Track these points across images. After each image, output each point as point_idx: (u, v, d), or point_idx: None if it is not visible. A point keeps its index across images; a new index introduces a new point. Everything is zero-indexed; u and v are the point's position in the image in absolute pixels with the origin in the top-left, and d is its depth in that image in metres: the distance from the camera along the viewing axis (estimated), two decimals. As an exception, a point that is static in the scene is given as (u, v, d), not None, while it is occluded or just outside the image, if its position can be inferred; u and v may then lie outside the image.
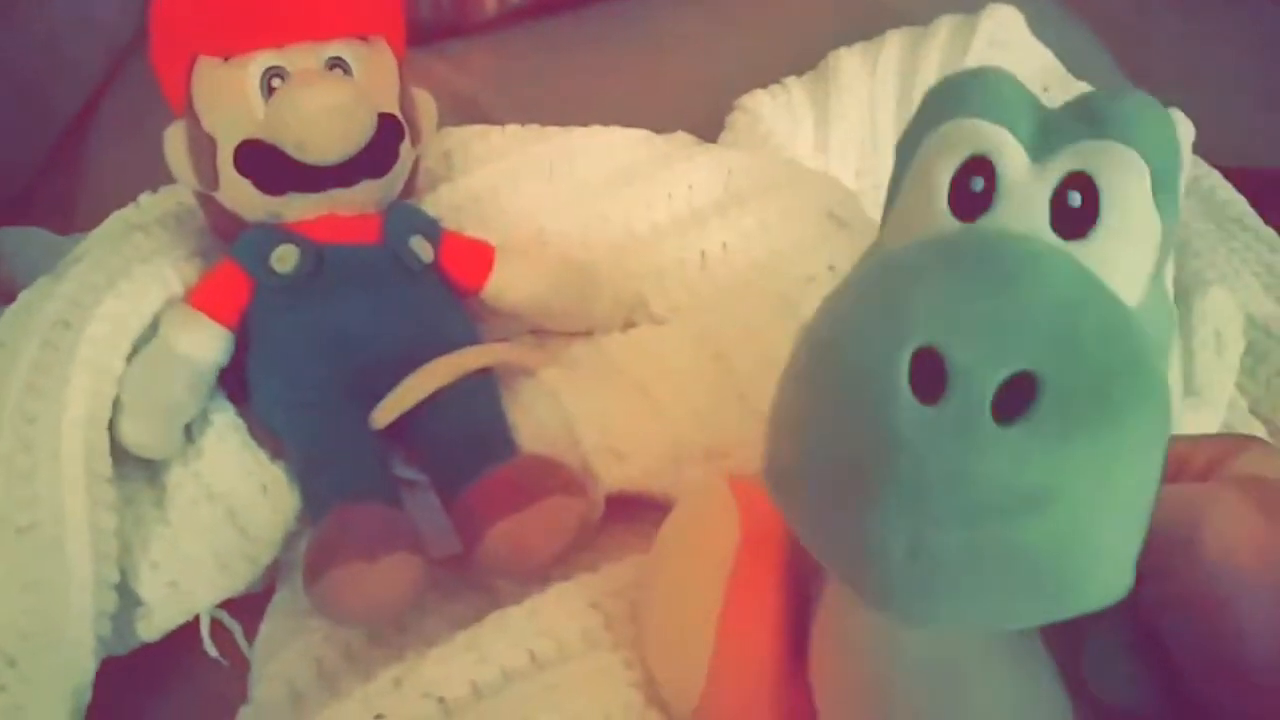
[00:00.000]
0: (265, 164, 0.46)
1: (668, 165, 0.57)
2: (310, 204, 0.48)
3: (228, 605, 0.46)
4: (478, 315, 0.52)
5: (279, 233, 0.48)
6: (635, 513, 0.47)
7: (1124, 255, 0.28)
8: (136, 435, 0.45)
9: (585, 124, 0.60)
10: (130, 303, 0.46)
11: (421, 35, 0.72)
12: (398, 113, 0.49)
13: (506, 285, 0.51)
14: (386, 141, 0.48)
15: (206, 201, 0.50)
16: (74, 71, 0.70)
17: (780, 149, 0.61)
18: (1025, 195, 0.28)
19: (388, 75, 0.50)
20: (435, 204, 0.55)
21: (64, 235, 0.60)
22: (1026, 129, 0.29)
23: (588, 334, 0.54)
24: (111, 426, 0.45)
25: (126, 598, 0.44)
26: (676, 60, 0.72)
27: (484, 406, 0.48)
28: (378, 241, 0.49)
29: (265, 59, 0.46)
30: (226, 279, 0.48)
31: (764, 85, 0.65)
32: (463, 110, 0.68)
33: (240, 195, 0.48)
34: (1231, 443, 0.29)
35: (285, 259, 0.47)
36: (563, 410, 0.48)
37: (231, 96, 0.46)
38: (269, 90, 0.46)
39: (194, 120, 0.48)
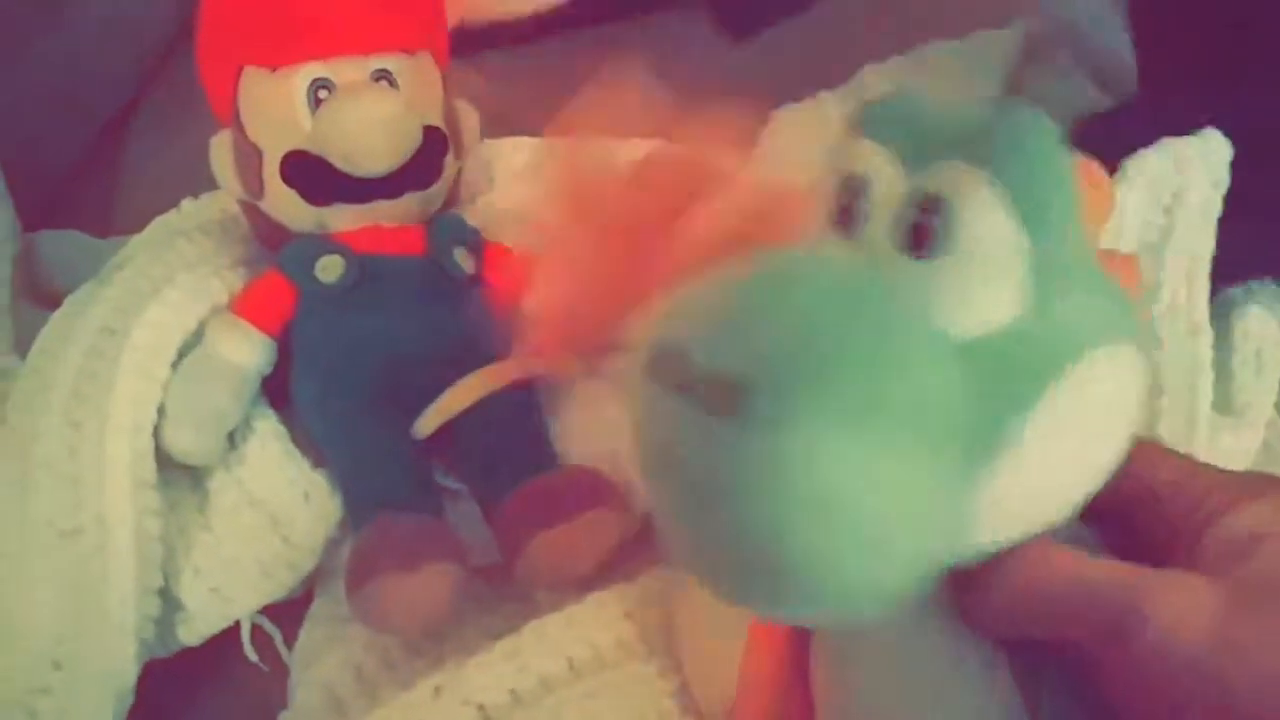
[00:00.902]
0: (312, 175, 0.47)
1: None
2: (355, 215, 0.48)
3: (267, 610, 0.46)
4: (519, 326, 0.53)
5: (324, 243, 0.48)
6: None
7: (970, 277, 0.28)
8: (180, 442, 0.46)
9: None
10: (175, 311, 0.47)
11: (456, 46, 0.73)
12: (442, 125, 0.49)
13: None
14: (431, 154, 0.48)
15: (251, 210, 0.50)
16: (111, 73, 0.70)
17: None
18: (886, 214, 0.29)
19: (432, 88, 0.50)
20: (475, 215, 0.55)
21: (103, 238, 0.60)
22: (912, 147, 0.29)
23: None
24: (156, 433, 0.45)
25: (169, 602, 0.44)
26: (711, 71, 0.72)
27: (526, 417, 0.48)
28: (421, 252, 0.49)
29: (312, 70, 0.47)
30: (271, 288, 0.48)
31: (797, 99, 0.65)
32: (498, 121, 0.68)
33: (286, 205, 0.48)
34: (1253, 484, 0.29)
35: (330, 269, 0.47)
36: (604, 422, 0.48)
37: (278, 107, 0.47)
38: (315, 102, 0.47)
39: (240, 130, 0.48)
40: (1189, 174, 0.51)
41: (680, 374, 0.27)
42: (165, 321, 0.47)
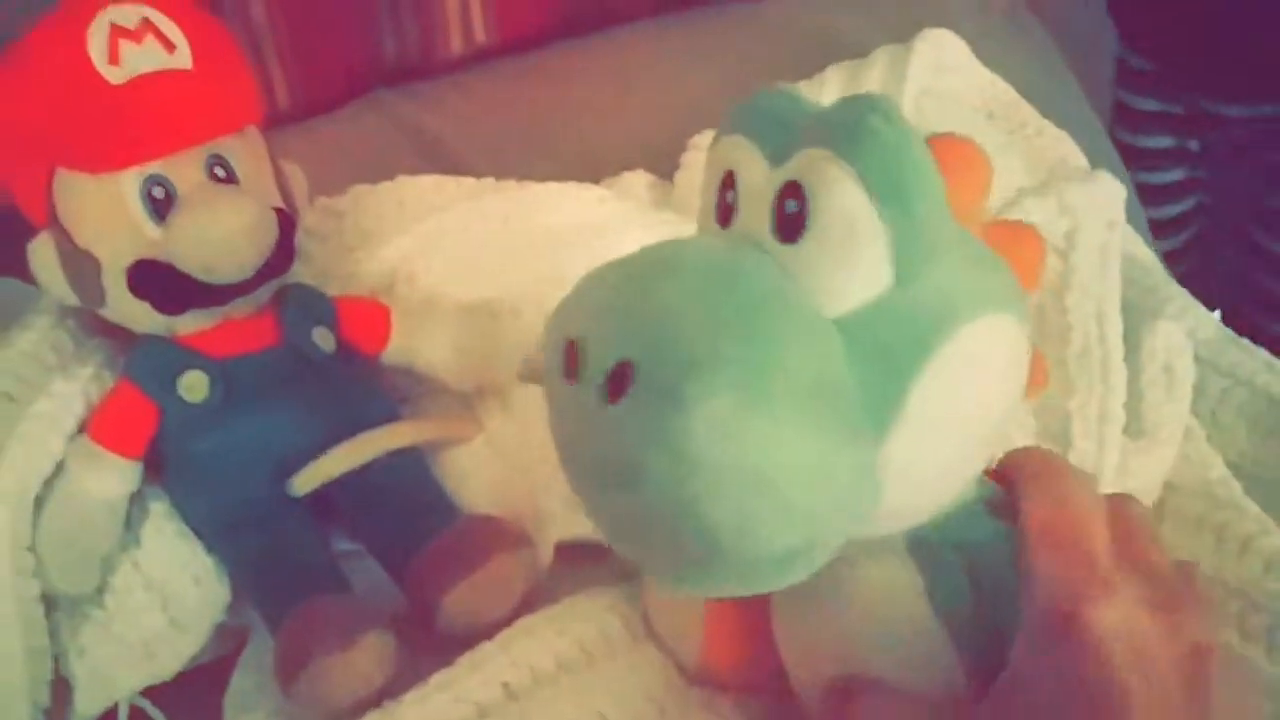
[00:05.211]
0: (165, 286, 0.44)
1: (625, 229, 0.56)
2: (208, 315, 0.46)
3: (154, 693, 0.46)
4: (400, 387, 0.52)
5: (179, 352, 0.46)
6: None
7: (831, 259, 0.29)
8: (55, 584, 0.44)
9: (552, 160, 0.62)
10: (81, 385, 0.46)
11: (387, 76, 0.72)
12: (281, 203, 0.47)
13: (408, 348, 0.50)
14: (286, 240, 0.46)
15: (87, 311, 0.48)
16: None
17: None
18: (757, 203, 0.31)
19: (263, 161, 0.48)
20: (388, 255, 0.55)
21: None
22: (774, 140, 0.31)
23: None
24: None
25: (56, 681, 0.44)
26: (638, 97, 0.72)
27: (421, 477, 0.49)
28: (277, 342, 0.47)
29: (141, 171, 0.43)
30: (129, 408, 0.46)
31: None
32: (429, 150, 0.68)
33: (133, 314, 0.46)
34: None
35: (194, 388, 0.46)
36: (508, 466, 0.49)
37: (111, 214, 0.44)
38: (151, 200, 0.44)
39: (64, 235, 0.45)
40: (1076, 217, 0.50)
41: (577, 365, 0.29)
42: (69, 395, 0.46)
